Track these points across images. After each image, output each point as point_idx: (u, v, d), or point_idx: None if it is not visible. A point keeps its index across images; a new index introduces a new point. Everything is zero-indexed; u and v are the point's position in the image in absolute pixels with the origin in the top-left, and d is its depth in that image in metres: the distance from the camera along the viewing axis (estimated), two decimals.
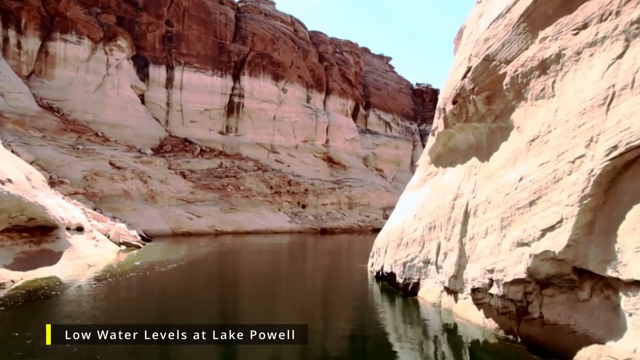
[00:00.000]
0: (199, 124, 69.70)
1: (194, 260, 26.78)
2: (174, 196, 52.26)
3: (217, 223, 52.35)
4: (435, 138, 16.34)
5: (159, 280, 19.67)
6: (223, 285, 20.21)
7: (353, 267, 25.61)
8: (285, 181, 69.71)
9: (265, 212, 60.08)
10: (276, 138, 76.44)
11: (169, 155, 60.48)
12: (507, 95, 11.46)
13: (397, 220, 18.30)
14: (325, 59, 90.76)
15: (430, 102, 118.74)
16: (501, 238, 10.33)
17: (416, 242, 15.41)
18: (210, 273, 23.44)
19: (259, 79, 75.36)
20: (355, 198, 76.14)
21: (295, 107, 79.45)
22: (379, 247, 19.73)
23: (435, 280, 13.97)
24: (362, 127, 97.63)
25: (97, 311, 13.56)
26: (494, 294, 10.49)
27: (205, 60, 70.98)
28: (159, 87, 67.13)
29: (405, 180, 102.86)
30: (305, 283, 21.27)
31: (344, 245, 47.03)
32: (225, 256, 31.58)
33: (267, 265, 27.79)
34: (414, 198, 17.79)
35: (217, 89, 71.62)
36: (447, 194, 14.17)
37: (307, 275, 24.17)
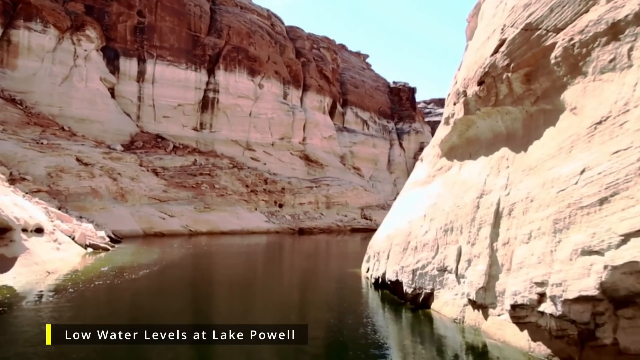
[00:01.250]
0: (172, 119, 66.90)
1: (168, 265, 24.47)
2: (145, 194, 49.59)
3: (191, 223, 49.88)
4: (451, 127, 14.37)
5: (129, 289, 17.33)
6: (202, 295, 17.97)
7: (344, 273, 23.42)
8: (261, 179, 67.44)
9: (241, 211, 57.76)
10: (252, 135, 74.04)
11: (141, 152, 57.64)
12: (556, 71, 9.54)
13: (400, 221, 16.30)
14: (302, 55, 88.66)
15: (407, 100, 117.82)
16: (555, 244, 8.42)
17: (428, 247, 13.48)
18: (186, 281, 21.11)
19: (234, 74, 72.83)
20: (333, 197, 74.32)
21: (271, 104, 77.14)
22: (378, 251, 17.75)
23: (455, 292, 12.03)
24: (340, 125, 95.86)
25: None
26: (547, 313, 8.52)
27: (179, 54, 68.18)
28: (130, 80, 64.12)
29: (382, 180, 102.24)
30: (293, 292, 19.08)
31: (326, 246, 45.08)
32: (201, 260, 29.28)
33: (248, 271, 25.62)
34: (420, 196, 15.88)
35: (191, 84, 68.88)
36: (469, 191, 12.27)
37: (294, 283, 21.80)
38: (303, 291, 19.12)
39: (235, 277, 22.23)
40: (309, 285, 20.94)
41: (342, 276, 22.60)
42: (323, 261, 31.14)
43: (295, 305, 15.86)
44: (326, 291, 18.71)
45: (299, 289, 19.63)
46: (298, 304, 16.06)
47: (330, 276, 23.68)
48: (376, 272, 17.40)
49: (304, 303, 16.16)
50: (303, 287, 20.22)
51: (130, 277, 19.34)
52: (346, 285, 19.99)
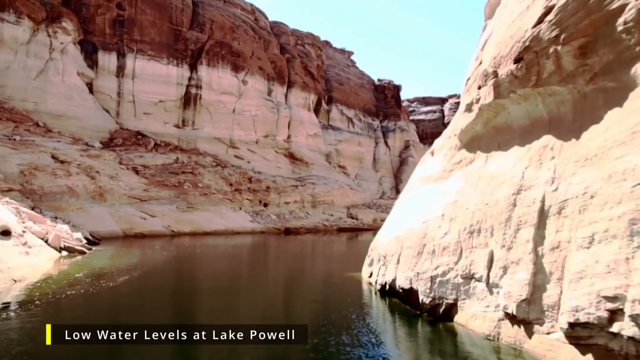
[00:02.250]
0: (153, 116, 64.62)
1: (150, 270, 22.58)
2: (125, 194, 47.44)
3: (174, 223, 47.86)
4: (474, 115, 12.73)
5: (107, 300, 15.41)
6: (187, 307, 16.21)
7: (341, 277, 21.69)
8: (245, 178, 65.51)
9: (225, 211, 55.83)
10: (236, 132, 72.02)
11: (120, 149, 55.38)
12: (625, 40, 7.94)
13: (412, 221, 14.60)
14: (286, 51, 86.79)
15: (392, 98, 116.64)
16: (632, 249, 6.85)
17: (449, 251, 11.85)
18: (171, 288, 19.23)
19: (217, 70, 70.72)
20: (318, 196, 72.70)
21: (255, 100, 75.17)
22: (384, 254, 16.09)
23: (487, 303, 10.38)
24: (325, 123, 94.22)
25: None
26: (624, 335, 6.98)
27: (160, 48, 65.92)
28: (109, 75, 61.72)
29: (367, 178, 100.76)
30: (289, 301, 17.23)
31: (315, 247, 43.39)
32: (185, 263, 27.39)
33: (236, 276, 23.81)
34: (434, 193, 14.25)
35: (172, 79, 66.64)
36: (500, 187, 10.67)
37: (288, 290, 19.72)
38: (299, 300, 17.25)
39: (223, 284, 20.42)
40: (305, 292, 18.99)
41: (340, 281, 20.73)
42: (315, 264, 29.31)
43: (292, 317, 14.16)
44: (325, 299, 16.75)
45: (294, 298, 17.75)
46: (295, 316, 14.31)
47: (328, 281, 21.70)
48: (382, 277, 15.76)
49: (301, 314, 14.38)
50: (299, 295, 18.29)
51: (108, 284, 17.45)
52: (347, 292, 18.09)
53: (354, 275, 20.96)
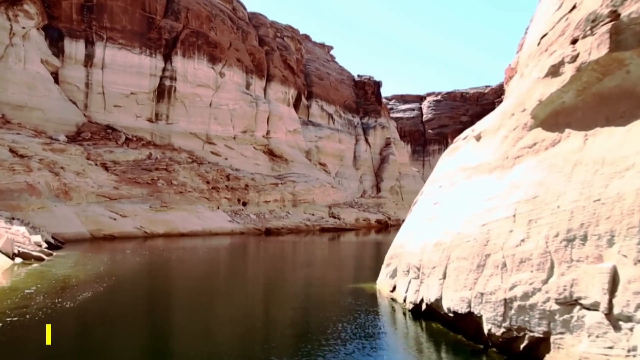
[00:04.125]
0: (124, 109, 60.44)
1: (119, 282, 19.06)
2: (93, 192, 43.47)
3: (147, 224, 44.07)
4: (565, 79, 9.43)
5: (59, 332, 11.87)
6: (168, 334, 12.81)
7: (348, 289, 18.09)
8: (223, 175, 61.85)
9: (202, 210, 52.15)
10: (212, 127, 68.20)
11: (88, 144, 51.20)
12: None
13: (461, 223, 11.39)
14: (265, 43, 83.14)
15: (372, 94, 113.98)
16: None
17: (531, 264, 8.73)
18: (142, 311, 15.60)
19: (193, 61, 66.76)
20: (299, 195, 69.50)
21: (233, 94, 71.43)
22: (418, 264, 12.86)
23: (609, 343, 7.16)
24: (304, 119, 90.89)
25: None
26: None
27: (132, 37, 61.66)
28: (76, 64, 57.35)
29: (348, 176, 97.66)
30: (295, 324, 13.95)
31: (301, 249, 40.13)
32: (161, 271, 23.89)
33: (221, 288, 20.40)
34: (492, 187, 11.07)
35: (145, 70, 62.47)
36: (623, 176, 7.61)
37: (284, 308, 16.13)
38: (301, 325, 13.65)
39: (207, 300, 17.04)
40: (310, 311, 15.27)
41: (349, 296, 16.88)
42: (311, 271, 25.56)
43: (293, 354, 10.73)
44: (338, 321, 13.09)
45: (298, 320, 14.18)
46: (306, 351, 10.86)
47: (333, 296, 17.71)
48: (415, 294, 12.61)
49: (309, 349, 10.93)
50: (299, 317, 14.52)
51: (64, 305, 13.91)
52: (364, 312, 14.22)
53: (364, 287, 17.78)
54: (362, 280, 19.75)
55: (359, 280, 19.78)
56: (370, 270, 23.16)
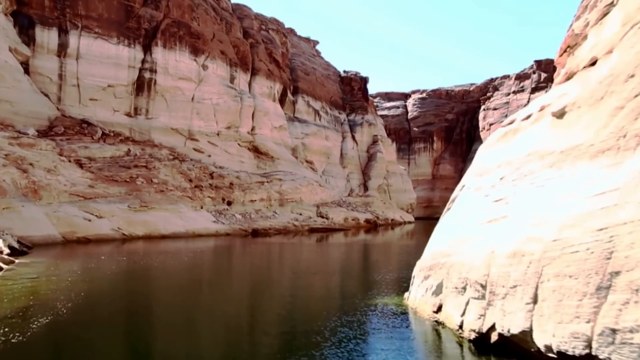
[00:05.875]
0: (101, 102, 56.64)
1: (90, 298, 15.82)
2: (66, 190, 39.86)
3: (125, 225, 40.59)
4: None
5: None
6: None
7: (364, 305, 14.88)
8: (206, 173, 58.48)
9: (185, 210, 48.72)
10: (195, 123, 64.64)
11: (61, 139, 47.46)
12: None
13: (555, 227, 8.22)
14: (250, 36, 79.69)
15: (359, 90, 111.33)
16: None
17: None
18: (117, 338, 12.58)
19: (174, 52, 63.13)
20: (286, 194, 66.42)
21: (217, 87, 67.92)
22: (483, 280, 9.80)
23: None
24: (290, 115, 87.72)
25: None
26: None
27: (109, 26, 57.86)
28: (49, 54, 53.47)
29: (335, 174, 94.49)
30: (308, 355, 10.90)
31: (293, 253, 37.06)
32: (139, 284, 20.59)
33: (212, 303, 17.27)
34: (598, 178, 7.99)
35: (123, 61, 58.68)
36: None
37: (297, 330, 12.97)
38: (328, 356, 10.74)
39: (198, 319, 13.94)
40: (328, 342, 11.34)
41: (371, 315, 13.71)
42: (312, 280, 22.28)
43: None
44: (372, 353, 10.47)
45: (312, 353, 11.21)
46: None
47: (352, 315, 13.73)
48: (481, 320, 9.59)
49: None
50: (317, 347, 11.64)
51: (16, 337, 10.70)
52: (398, 338, 11.15)
53: (387, 304, 14.72)
54: (381, 294, 16.69)
55: (376, 294, 16.71)
56: (384, 280, 20.19)
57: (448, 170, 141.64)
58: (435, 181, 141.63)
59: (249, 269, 26.94)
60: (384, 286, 18.63)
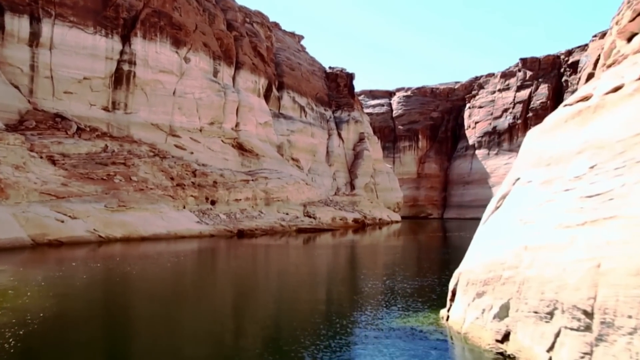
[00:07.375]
0: (77, 95, 53.26)
1: (55, 319, 12.99)
2: (36, 189, 36.63)
3: (101, 226, 37.48)
4: None
5: None
6: None
7: (392, 328, 11.90)
8: (189, 171, 55.45)
9: (166, 210, 45.66)
10: (176, 118, 61.52)
11: (32, 134, 44.14)
12: None
13: None
14: (234, 28, 76.64)
15: (345, 87, 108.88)
16: None
17: None
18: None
19: (155, 43, 59.90)
20: (272, 192, 63.56)
21: (200, 81, 64.84)
22: (588, 306, 6.72)
23: None
24: (275, 111, 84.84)
25: None
26: None
27: (85, 14, 54.43)
28: (19, 44, 49.93)
29: (321, 173, 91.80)
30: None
31: (286, 256, 34.33)
32: (115, 296, 17.73)
33: (203, 324, 14.54)
34: None
35: (100, 52, 55.33)
36: None
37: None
38: None
39: (189, 347, 11.23)
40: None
41: (406, 343, 10.64)
42: (318, 291, 19.34)
43: None
44: None
45: None
46: None
47: (381, 344, 10.80)
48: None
49: None
50: None
51: None
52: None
53: (420, 325, 11.96)
54: (406, 310, 14.03)
55: (400, 310, 14.04)
56: (402, 290, 17.57)
57: (433, 169, 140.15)
58: (421, 180, 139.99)
59: (243, 274, 24.14)
60: (404, 299, 15.98)
